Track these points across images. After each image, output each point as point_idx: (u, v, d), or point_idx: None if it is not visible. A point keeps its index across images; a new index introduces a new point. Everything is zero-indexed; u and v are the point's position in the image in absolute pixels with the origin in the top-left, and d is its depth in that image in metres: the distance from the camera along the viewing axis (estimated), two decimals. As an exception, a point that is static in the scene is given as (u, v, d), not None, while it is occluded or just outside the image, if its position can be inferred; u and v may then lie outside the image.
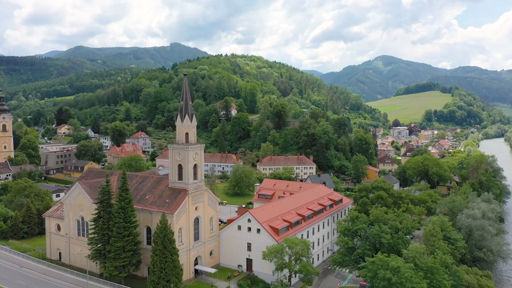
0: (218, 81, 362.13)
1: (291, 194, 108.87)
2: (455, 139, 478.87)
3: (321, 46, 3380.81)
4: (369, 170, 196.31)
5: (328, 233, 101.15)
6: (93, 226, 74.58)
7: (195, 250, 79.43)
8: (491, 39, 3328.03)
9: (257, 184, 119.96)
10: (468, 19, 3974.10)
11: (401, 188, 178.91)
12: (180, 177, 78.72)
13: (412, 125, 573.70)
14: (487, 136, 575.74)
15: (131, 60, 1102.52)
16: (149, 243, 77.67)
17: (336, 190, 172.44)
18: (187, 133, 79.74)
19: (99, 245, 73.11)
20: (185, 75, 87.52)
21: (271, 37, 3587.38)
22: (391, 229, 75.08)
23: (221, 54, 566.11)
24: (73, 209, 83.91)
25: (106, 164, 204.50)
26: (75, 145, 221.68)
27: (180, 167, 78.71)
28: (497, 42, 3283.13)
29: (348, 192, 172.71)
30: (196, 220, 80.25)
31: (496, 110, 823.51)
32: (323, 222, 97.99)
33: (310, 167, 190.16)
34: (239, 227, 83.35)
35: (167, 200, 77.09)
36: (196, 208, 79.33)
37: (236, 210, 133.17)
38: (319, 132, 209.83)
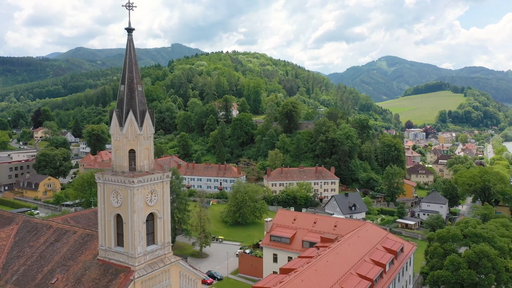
0: (217, 77, 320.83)
1: (322, 238, 68.77)
2: (477, 142, 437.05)
3: (323, 47, 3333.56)
4: (404, 185, 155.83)
5: (388, 309, 60.98)
6: None
7: None
8: (494, 39, 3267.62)
9: (269, 219, 79.59)
10: (471, 20, 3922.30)
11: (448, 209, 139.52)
12: (120, 241, 38.58)
13: (428, 126, 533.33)
14: (506, 138, 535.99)
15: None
16: None
17: (368, 214, 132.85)
18: (132, 151, 38.90)
19: None
20: (128, 30, 39.27)
21: (273, 38, 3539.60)
22: None
23: (222, 51, 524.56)
24: None
25: (75, 177, 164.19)
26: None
27: (119, 220, 38.61)
28: (500, 43, 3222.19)
29: (383, 217, 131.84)
30: (155, 325, 40.11)
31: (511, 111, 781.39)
32: (383, 295, 57.93)
33: (332, 182, 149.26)
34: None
35: (88, 293, 36.96)
36: (153, 303, 39.16)
37: (237, 253, 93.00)
38: (340, 137, 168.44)
